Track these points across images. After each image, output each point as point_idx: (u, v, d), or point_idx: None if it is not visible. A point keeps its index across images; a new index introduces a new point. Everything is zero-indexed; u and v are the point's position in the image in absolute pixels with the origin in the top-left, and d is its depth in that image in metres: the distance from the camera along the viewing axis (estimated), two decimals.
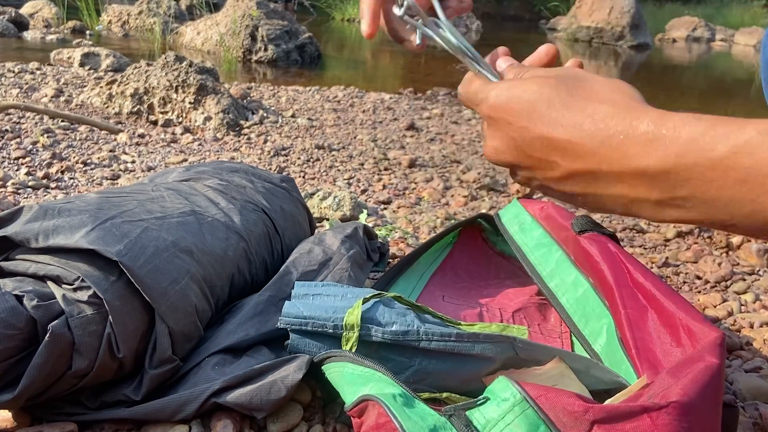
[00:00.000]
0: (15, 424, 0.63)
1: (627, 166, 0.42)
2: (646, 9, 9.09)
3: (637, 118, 0.42)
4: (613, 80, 0.48)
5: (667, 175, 0.40)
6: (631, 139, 0.41)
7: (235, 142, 1.97)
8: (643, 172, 0.41)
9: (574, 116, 0.45)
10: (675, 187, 0.40)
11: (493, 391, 0.49)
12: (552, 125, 0.46)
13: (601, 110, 0.44)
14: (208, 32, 4.37)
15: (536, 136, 0.47)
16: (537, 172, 0.50)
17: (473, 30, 8.22)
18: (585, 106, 0.45)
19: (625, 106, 0.43)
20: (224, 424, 0.64)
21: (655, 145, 0.40)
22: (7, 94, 2.32)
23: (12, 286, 0.61)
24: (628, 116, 0.42)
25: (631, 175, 0.42)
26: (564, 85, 0.47)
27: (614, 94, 0.45)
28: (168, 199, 0.81)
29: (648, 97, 0.50)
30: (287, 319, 0.68)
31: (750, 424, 0.72)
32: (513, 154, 0.50)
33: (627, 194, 0.43)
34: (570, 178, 0.46)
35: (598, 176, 0.44)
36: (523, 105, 0.47)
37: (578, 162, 0.45)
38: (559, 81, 0.48)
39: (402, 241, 1.24)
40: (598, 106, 0.44)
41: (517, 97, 0.48)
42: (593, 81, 0.48)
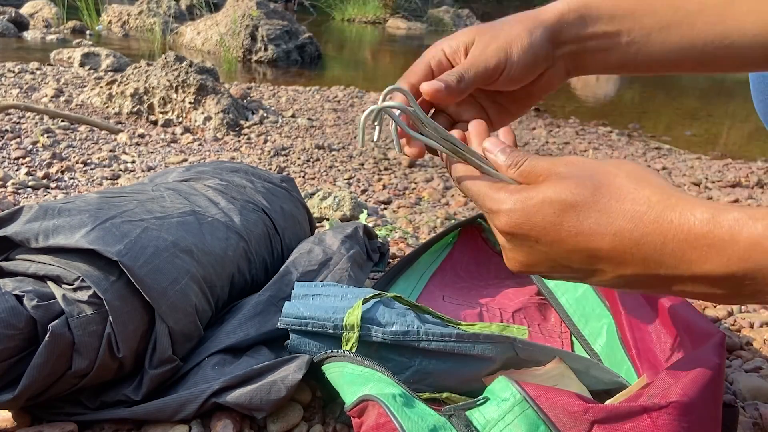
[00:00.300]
0: (15, 424, 0.63)
1: (687, 270, 0.39)
2: None
3: (685, 219, 0.39)
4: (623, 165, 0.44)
5: (732, 278, 0.38)
6: (686, 245, 0.39)
7: (235, 142, 1.97)
8: (706, 276, 0.39)
9: (610, 222, 0.41)
10: (742, 286, 0.38)
11: (493, 391, 0.49)
12: (589, 236, 0.42)
13: (639, 212, 0.40)
14: (208, 32, 4.37)
15: (572, 249, 0.42)
16: (578, 278, 0.46)
17: None
18: (619, 209, 0.41)
19: (662, 205, 0.40)
20: (224, 424, 0.64)
21: (715, 251, 0.38)
22: (7, 94, 2.32)
23: (12, 286, 0.61)
24: (673, 217, 0.39)
25: (693, 279, 0.40)
26: (584, 186, 0.42)
27: (641, 188, 0.41)
28: (168, 199, 0.81)
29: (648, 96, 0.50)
30: (287, 319, 0.68)
31: (750, 424, 0.72)
32: (547, 265, 0.45)
33: (690, 291, 0.41)
34: (620, 283, 0.43)
35: (653, 279, 0.41)
36: (548, 219, 0.42)
37: (629, 268, 0.41)
38: (576, 182, 0.43)
39: (402, 241, 1.24)
40: (633, 208, 0.41)
41: (536, 209, 0.43)
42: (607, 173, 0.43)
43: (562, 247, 0.43)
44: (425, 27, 8.00)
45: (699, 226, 0.38)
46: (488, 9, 12.16)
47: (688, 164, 2.26)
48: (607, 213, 0.41)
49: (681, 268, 0.39)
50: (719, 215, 0.38)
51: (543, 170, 0.45)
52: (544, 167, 0.45)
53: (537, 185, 0.44)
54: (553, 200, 0.42)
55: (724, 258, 0.38)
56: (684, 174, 2.10)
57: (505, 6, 12.56)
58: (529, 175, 0.45)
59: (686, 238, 0.39)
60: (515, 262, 0.47)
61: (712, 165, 2.28)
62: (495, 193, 0.45)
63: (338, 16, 8.51)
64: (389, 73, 4.60)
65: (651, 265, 0.40)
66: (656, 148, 2.50)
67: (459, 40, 0.55)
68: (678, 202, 0.40)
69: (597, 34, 0.54)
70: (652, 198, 0.41)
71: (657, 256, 0.40)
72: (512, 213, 0.44)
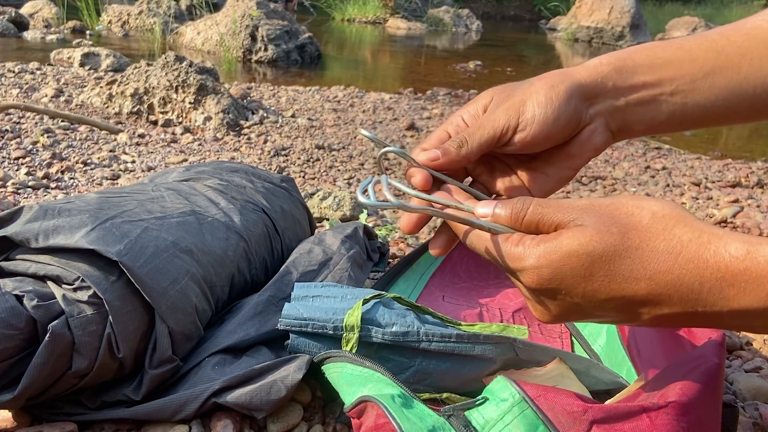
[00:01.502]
0: (15, 424, 0.63)
1: (725, 306, 0.39)
2: (646, 9, 9.09)
3: (721, 257, 0.38)
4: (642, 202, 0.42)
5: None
6: (724, 283, 0.38)
7: (235, 142, 1.97)
8: (745, 311, 0.38)
9: (644, 267, 0.40)
10: None
11: (492, 391, 0.49)
12: (623, 284, 0.40)
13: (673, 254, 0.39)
14: (208, 32, 4.37)
15: (606, 298, 0.41)
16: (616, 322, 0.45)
17: (473, 30, 8.23)
18: (651, 253, 0.40)
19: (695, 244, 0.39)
20: (224, 424, 0.64)
21: (752, 286, 0.38)
22: (7, 94, 2.32)
23: (12, 286, 0.61)
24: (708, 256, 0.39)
25: (732, 314, 0.39)
26: (610, 234, 0.41)
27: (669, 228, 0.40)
28: (168, 199, 0.81)
29: None
30: (287, 320, 0.68)
31: (750, 424, 0.72)
32: (580, 315, 0.44)
33: (728, 324, 0.41)
34: (658, 322, 0.42)
35: (692, 317, 0.41)
36: (577, 272, 0.41)
37: (666, 308, 0.40)
38: (600, 230, 0.41)
39: (402, 241, 1.24)
40: (666, 249, 0.39)
41: (564, 264, 0.41)
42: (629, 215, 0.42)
43: (596, 297, 0.41)
44: (425, 27, 8.00)
45: (735, 264, 0.38)
46: (488, 9, 12.17)
47: (688, 164, 2.26)
48: (640, 258, 0.40)
49: (719, 305, 0.39)
50: (754, 250, 0.38)
51: (554, 220, 0.43)
52: (553, 216, 0.43)
53: (557, 236, 0.42)
54: (580, 253, 0.41)
55: (762, 293, 0.37)
56: (684, 174, 2.10)
57: (506, 6, 12.57)
58: (538, 226, 0.43)
59: (723, 276, 0.38)
60: (545, 314, 0.45)
61: (712, 165, 2.28)
62: (514, 249, 0.43)
63: (338, 16, 8.51)
64: (389, 73, 4.60)
65: (689, 304, 0.39)
66: (656, 148, 2.50)
67: (479, 102, 0.52)
68: (711, 239, 0.39)
69: (636, 86, 0.51)
70: (683, 238, 0.40)
71: (694, 296, 0.39)
72: (539, 270, 0.42)
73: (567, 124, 0.49)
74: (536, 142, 0.49)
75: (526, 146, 0.50)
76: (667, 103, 0.51)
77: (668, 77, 0.50)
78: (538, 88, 0.49)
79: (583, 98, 0.50)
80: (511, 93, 0.50)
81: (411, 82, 3.76)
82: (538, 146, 0.50)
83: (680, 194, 1.84)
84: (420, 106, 2.89)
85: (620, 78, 0.50)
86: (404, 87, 3.39)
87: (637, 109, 0.51)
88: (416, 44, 6.77)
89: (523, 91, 0.50)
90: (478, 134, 0.49)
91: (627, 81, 0.50)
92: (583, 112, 0.50)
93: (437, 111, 2.76)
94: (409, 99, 3.05)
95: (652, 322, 0.42)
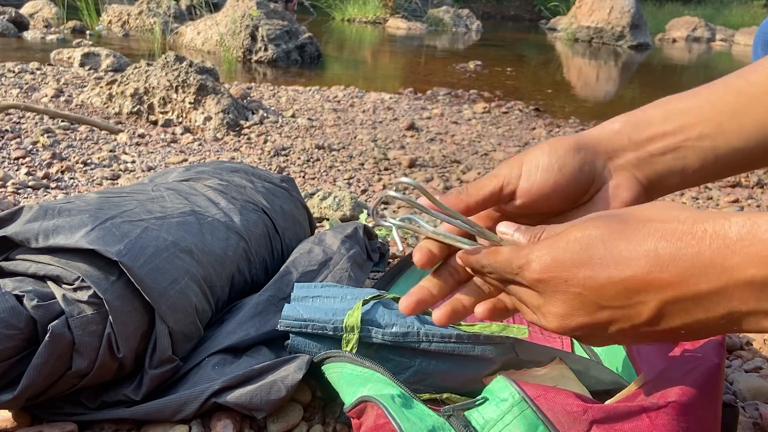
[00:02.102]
0: (15, 424, 0.63)
1: (730, 279, 0.36)
2: (646, 9, 9.09)
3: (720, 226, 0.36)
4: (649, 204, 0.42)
5: None
6: (726, 250, 0.36)
7: (235, 142, 1.97)
8: (751, 282, 0.36)
9: (640, 245, 0.38)
10: None
11: (492, 391, 0.49)
12: (620, 264, 0.39)
13: (669, 228, 0.38)
14: (208, 32, 4.37)
15: (605, 281, 0.39)
16: (621, 322, 0.41)
17: (473, 30, 8.23)
18: (648, 232, 0.39)
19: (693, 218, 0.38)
20: (224, 424, 0.64)
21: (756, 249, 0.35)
22: (7, 94, 2.32)
23: (12, 286, 0.61)
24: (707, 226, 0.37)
25: (738, 288, 0.36)
26: (608, 220, 0.41)
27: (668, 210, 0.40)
28: (168, 199, 0.81)
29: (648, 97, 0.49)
30: (287, 321, 0.68)
31: (750, 424, 0.72)
32: (584, 312, 0.42)
33: (737, 309, 0.37)
34: (664, 313, 0.39)
35: (698, 299, 0.38)
36: (576, 254, 0.40)
37: (669, 290, 0.38)
38: (600, 218, 0.41)
39: (402, 241, 1.24)
40: (663, 226, 0.38)
41: (563, 248, 0.41)
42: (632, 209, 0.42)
43: (595, 283, 0.40)
44: (425, 27, 8.00)
45: (736, 229, 0.36)
46: (488, 9, 12.17)
47: None
48: (636, 237, 0.39)
49: (724, 278, 0.36)
50: (756, 217, 0.36)
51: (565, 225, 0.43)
52: (565, 225, 0.43)
53: (562, 231, 0.42)
54: (578, 238, 0.41)
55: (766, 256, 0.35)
56: None
57: (506, 6, 12.57)
58: None
59: (724, 243, 0.36)
60: (552, 316, 0.43)
61: None
62: (520, 251, 0.43)
63: (338, 16, 8.51)
64: (389, 73, 4.60)
65: (691, 280, 0.37)
66: None
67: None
68: (709, 215, 0.38)
69: (656, 135, 0.49)
70: (680, 216, 0.38)
71: (696, 270, 0.37)
72: (540, 258, 0.41)
73: (576, 173, 0.48)
74: (544, 192, 0.48)
75: (535, 199, 0.48)
76: (695, 149, 0.49)
77: (689, 123, 0.49)
78: (541, 144, 0.49)
79: (596, 152, 0.49)
80: (518, 156, 0.50)
81: (411, 82, 3.76)
82: (548, 199, 0.49)
83: (680, 194, 1.84)
84: (420, 106, 2.89)
85: (635, 131, 0.49)
86: (404, 87, 3.40)
87: (665, 158, 0.49)
88: (416, 44, 6.77)
89: (528, 151, 0.49)
90: (479, 182, 0.49)
91: (644, 132, 0.49)
92: (600, 167, 0.49)
93: (437, 111, 2.76)
94: (409, 99, 3.05)
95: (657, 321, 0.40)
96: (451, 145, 2.20)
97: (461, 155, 2.06)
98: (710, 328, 0.39)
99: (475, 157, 2.06)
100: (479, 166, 1.93)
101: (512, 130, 2.53)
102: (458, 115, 2.74)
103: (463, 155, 2.07)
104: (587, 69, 5.79)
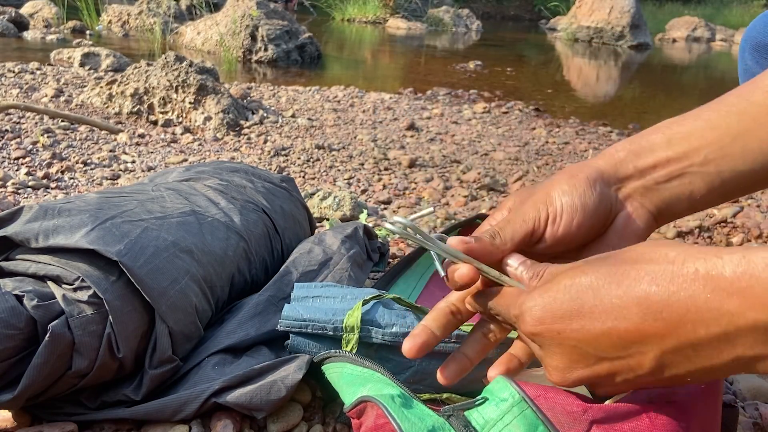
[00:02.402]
0: (15, 424, 0.63)
1: (730, 324, 0.33)
2: (646, 9, 9.09)
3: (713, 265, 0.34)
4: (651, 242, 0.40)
5: None
6: (722, 292, 0.33)
7: (235, 142, 1.97)
8: (754, 327, 0.33)
9: (631, 291, 0.36)
10: None
11: (492, 391, 0.49)
12: (612, 312, 0.37)
13: (659, 270, 0.36)
14: (208, 32, 4.37)
15: (599, 332, 0.38)
16: (625, 373, 0.39)
17: (473, 30, 8.23)
18: (636, 275, 0.36)
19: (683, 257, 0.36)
20: (224, 424, 0.64)
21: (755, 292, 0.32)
22: (7, 94, 2.32)
23: (12, 286, 0.61)
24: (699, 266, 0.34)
25: (741, 334, 0.34)
26: (596, 265, 0.39)
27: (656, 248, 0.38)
28: (168, 199, 0.81)
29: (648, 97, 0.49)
30: (287, 321, 0.68)
31: (750, 424, 0.72)
32: (583, 365, 0.40)
33: (744, 355, 0.34)
34: (665, 362, 0.37)
35: (698, 347, 0.35)
36: (566, 304, 0.39)
37: (667, 340, 0.36)
38: (589, 263, 0.40)
39: (402, 241, 1.24)
40: (652, 269, 0.36)
41: (553, 298, 0.39)
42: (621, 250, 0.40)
43: (589, 335, 0.38)
44: (425, 27, 8.01)
45: (731, 269, 0.33)
46: (488, 9, 12.17)
47: None
48: (626, 283, 0.37)
49: (723, 323, 0.34)
50: (750, 254, 0.33)
51: (559, 270, 0.42)
52: (563, 267, 0.42)
53: (554, 277, 0.41)
54: (567, 286, 0.39)
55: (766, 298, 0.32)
56: None
57: (505, 6, 12.57)
58: None
59: (719, 285, 0.33)
60: (552, 369, 0.42)
61: None
62: (516, 299, 0.42)
63: (338, 16, 8.51)
64: (389, 73, 4.60)
65: (689, 327, 0.35)
66: None
67: (503, 208, 0.52)
68: (700, 252, 0.35)
69: (659, 162, 0.48)
70: (669, 254, 0.36)
71: (692, 316, 0.34)
72: (533, 309, 0.40)
73: (596, 209, 0.47)
74: (569, 232, 0.47)
75: (560, 240, 0.48)
76: (701, 175, 0.48)
77: (693, 148, 0.48)
78: (559, 179, 0.48)
79: (607, 184, 0.48)
80: (533, 191, 0.49)
81: (411, 82, 3.76)
82: (572, 238, 0.48)
83: None
84: (420, 106, 2.89)
85: (639, 159, 0.49)
86: (404, 87, 3.40)
87: (670, 185, 0.48)
88: (416, 44, 6.77)
89: (545, 185, 0.49)
90: (510, 228, 0.47)
91: (647, 160, 0.48)
92: (612, 198, 0.48)
93: (437, 111, 2.76)
94: (409, 99, 3.05)
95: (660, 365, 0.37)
96: (451, 145, 2.20)
97: (461, 155, 2.06)
98: (719, 373, 0.37)
99: (475, 157, 2.06)
100: (479, 166, 1.93)
101: (512, 130, 2.53)
102: (458, 115, 2.74)
103: (463, 155, 2.07)
104: (587, 69, 5.79)
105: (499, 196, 1.67)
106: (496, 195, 1.67)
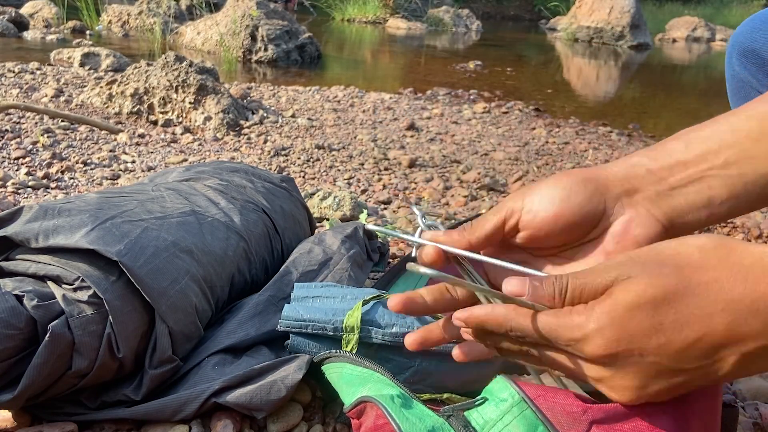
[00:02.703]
0: (15, 424, 0.63)
1: None
2: (646, 9, 9.09)
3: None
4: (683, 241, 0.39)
5: None
6: None
7: (235, 142, 1.97)
8: None
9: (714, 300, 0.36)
10: None
11: (492, 391, 0.49)
12: (697, 324, 0.36)
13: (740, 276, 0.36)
14: (208, 32, 4.37)
15: (683, 345, 0.37)
16: (698, 380, 0.39)
17: (473, 30, 8.23)
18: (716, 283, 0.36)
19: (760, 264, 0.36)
20: (224, 424, 0.64)
21: None
22: (7, 94, 2.32)
23: (12, 286, 0.61)
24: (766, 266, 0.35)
25: None
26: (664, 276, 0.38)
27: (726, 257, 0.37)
28: (168, 199, 0.81)
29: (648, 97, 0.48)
30: (287, 322, 0.68)
31: (750, 424, 0.72)
32: (663, 379, 0.39)
33: None
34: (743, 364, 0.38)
35: None
36: (645, 324, 0.37)
37: (751, 342, 0.36)
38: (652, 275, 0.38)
39: (402, 241, 1.24)
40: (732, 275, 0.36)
41: (629, 319, 0.37)
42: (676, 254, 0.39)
43: (672, 349, 0.37)
44: (425, 27, 8.01)
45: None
46: (488, 9, 12.17)
47: None
48: (706, 293, 0.36)
49: None
50: None
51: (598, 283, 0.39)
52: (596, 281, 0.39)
53: (609, 295, 0.38)
54: (640, 303, 0.37)
55: None
56: None
57: (505, 6, 12.57)
58: (581, 296, 0.40)
59: None
60: (627, 390, 0.40)
61: None
62: (568, 320, 0.39)
63: (338, 16, 8.51)
64: (389, 73, 4.60)
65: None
66: None
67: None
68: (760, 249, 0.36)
69: (677, 164, 0.46)
70: (744, 262, 0.36)
71: None
72: (603, 331, 0.38)
73: (582, 206, 0.46)
74: (546, 223, 0.46)
75: (537, 229, 0.46)
76: (722, 178, 0.45)
77: (712, 150, 0.45)
78: (547, 180, 0.47)
79: (609, 187, 0.46)
80: (523, 188, 0.49)
81: (411, 82, 3.76)
82: (551, 231, 0.46)
83: None
84: (420, 106, 2.89)
85: (654, 162, 0.46)
86: (404, 87, 3.40)
87: (686, 191, 0.46)
88: (416, 44, 6.77)
89: (534, 184, 0.48)
90: (482, 219, 0.47)
91: (663, 163, 0.46)
92: (611, 201, 0.46)
93: (437, 111, 2.76)
94: (409, 99, 3.05)
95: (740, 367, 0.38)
96: (451, 145, 2.20)
97: (461, 155, 2.06)
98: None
99: (475, 157, 2.06)
100: (479, 166, 1.93)
101: (512, 130, 2.53)
102: (458, 115, 2.74)
103: (463, 155, 2.07)
104: (587, 69, 5.79)
105: (499, 196, 1.67)
106: (496, 195, 1.67)
